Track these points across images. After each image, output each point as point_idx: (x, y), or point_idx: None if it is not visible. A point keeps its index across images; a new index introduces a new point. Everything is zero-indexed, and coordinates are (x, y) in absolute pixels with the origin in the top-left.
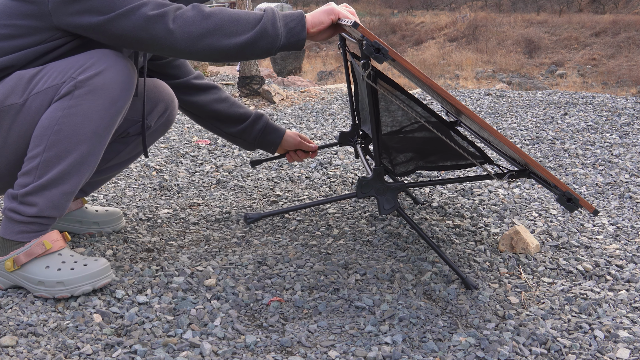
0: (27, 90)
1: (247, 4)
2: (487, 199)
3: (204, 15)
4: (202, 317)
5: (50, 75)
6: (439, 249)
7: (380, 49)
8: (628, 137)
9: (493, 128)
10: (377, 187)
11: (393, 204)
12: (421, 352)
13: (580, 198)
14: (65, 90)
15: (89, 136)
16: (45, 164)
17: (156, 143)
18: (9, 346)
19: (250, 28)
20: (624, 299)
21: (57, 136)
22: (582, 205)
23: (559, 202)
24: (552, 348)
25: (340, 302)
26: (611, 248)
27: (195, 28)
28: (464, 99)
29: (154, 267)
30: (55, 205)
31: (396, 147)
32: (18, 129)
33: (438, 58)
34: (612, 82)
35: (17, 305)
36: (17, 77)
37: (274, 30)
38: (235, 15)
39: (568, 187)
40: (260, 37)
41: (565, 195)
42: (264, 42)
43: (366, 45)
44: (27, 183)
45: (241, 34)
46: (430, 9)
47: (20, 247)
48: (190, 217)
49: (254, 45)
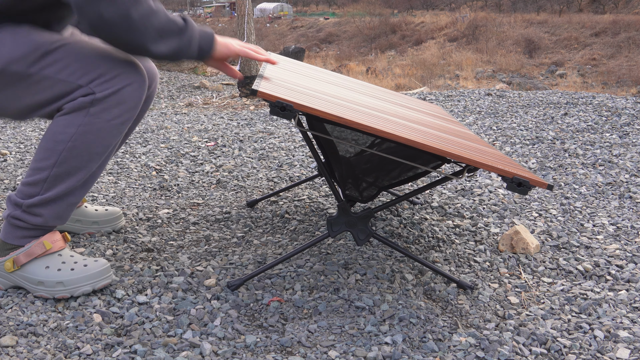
0: (39, 65)
1: (247, 4)
2: (487, 199)
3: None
4: (202, 317)
5: (67, 64)
6: (426, 260)
7: (284, 106)
8: (628, 137)
9: (418, 142)
10: (346, 222)
11: (367, 232)
12: (421, 352)
13: (529, 178)
14: (81, 104)
15: (100, 153)
16: (54, 179)
17: (156, 143)
18: (9, 346)
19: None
20: (624, 299)
21: (69, 153)
22: (534, 184)
23: (509, 189)
24: (552, 348)
25: (340, 302)
26: (611, 248)
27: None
28: (464, 99)
29: (154, 267)
30: (59, 215)
31: (359, 172)
32: (12, 93)
33: (438, 58)
34: (612, 82)
35: (17, 305)
36: (33, 43)
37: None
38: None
39: (515, 172)
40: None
41: (513, 181)
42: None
43: (271, 108)
44: (33, 194)
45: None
46: (430, 9)
47: (20, 248)
48: (190, 217)
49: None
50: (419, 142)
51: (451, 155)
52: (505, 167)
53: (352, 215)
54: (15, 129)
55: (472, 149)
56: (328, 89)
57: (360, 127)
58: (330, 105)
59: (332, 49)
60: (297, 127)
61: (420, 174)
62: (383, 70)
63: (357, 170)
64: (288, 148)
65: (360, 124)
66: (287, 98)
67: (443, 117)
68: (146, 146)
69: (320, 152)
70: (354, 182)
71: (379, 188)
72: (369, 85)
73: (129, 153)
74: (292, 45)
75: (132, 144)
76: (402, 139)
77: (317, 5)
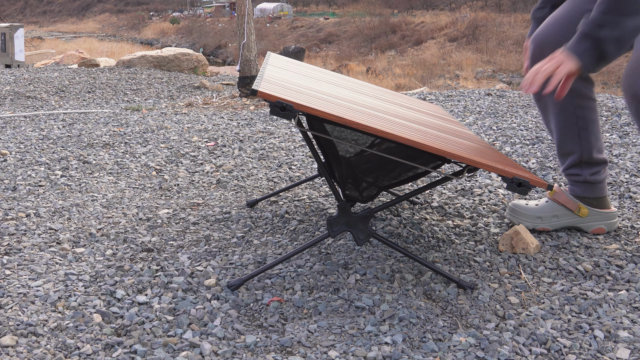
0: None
1: (247, 4)
2: (487, 199)
3: None
4: (202, 317)
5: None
6: (425, 260)
7: (284, 106)
8: (628, 137)
9: (416, 142)
10: (346, 222)
11: (367, 232)
12: (421, 352)
13: (530, 178)
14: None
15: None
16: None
17: (156, 143)
18: (9, 346)
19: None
20: (624, 299)
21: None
22: (534, 184)
23: (509, 189)
24: (552, 348)
25: (340, 302)
26: (611, 248)
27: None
28: (464, 99)
29: (154, 267)
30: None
31: (359, 172)
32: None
33: (438, 58)
34: (612, 82)
35: (17, 305)
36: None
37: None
38: None
39: (515, 172)
40: None
41: (513, 181)
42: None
43: (271, 108)
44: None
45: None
46: (430, 9)
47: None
48: (190, 217)
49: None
50: (418, 142)
51: (451, 155)
52: (505, 167)
53: (352, 215)
54: (15, 129)
55: (472, 149)
56: (328, 89)
57: (360, 127)
58: (330, 105)
59: (332, 49)
60: (297, 127)
61: (420, 174)
62: (383, 70)
63: (357, 170)
64: (288, 148)
65: (359, 124)
66: (287, 98)
67: (442, 117)
68: (146, 146)
69: (320, 152)
70: (354, 182)
71: (379, 188)
72: (369, 85)
73: (129, 153)
74: (292, 45)
75: (132, 144)
76: (401, 139)
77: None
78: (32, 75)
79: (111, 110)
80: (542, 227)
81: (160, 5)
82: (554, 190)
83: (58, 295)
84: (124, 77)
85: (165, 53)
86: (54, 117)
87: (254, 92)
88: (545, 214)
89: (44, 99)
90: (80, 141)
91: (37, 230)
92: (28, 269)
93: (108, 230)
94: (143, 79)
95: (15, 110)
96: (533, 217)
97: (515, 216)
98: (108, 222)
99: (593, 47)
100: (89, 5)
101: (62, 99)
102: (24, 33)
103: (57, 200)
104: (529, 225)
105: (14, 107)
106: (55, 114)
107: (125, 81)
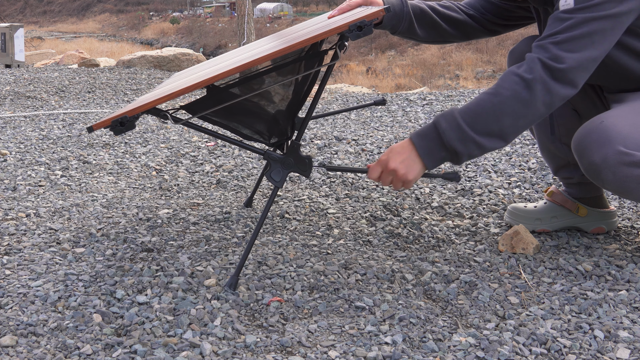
0: None
1: (247, 4)
2: (487, 199)
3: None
4: (202, 317)
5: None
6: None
7: (122, 120)
8: None
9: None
10: (281, 165)
11: (305, 161)
12: (421, 352)
13: (364, 15)
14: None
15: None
16: None
17: (156, 143)
18: (9, 346)
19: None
20: (624, 299)
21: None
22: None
23: (354, 39)
24: (552, 348)
25: (340, 302)
26: (611, 248)
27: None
28: (464, 99)
29: (154, 267)
30: None
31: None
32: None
33: (438, 58)
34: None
35: (17, 305)
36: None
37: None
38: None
39: (347, 22)
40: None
41: (352, 30)
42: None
43: (113, 130)
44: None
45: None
46: None
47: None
48: (190, 217)
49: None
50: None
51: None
52: (337, 24)
53: (281, 155)
54: (16, 129)
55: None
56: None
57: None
58: (168, 90)
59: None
60: (176, 123)
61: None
62: (383, 70)
63: (258, 115)
64: None
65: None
66: (117, 113)
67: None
68: (146, 146)
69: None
70: (265, 127)
71: (288, 117)
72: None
73: (129, 153)
74: None
75: (132, 144)
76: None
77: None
78: (32, 75)
79: (111, 110)
80: (541, 228)
81: (160, 5)
82: (552, 191)
83: (58, 295)
84: (124, 77)
85: (165, 53)
86: (54, 117)
87: (90, 130)
88: (544, 215)
89: (44, 99)
90: (80, 141)
91: (37, 230)
92: (28, 269)
93: (108, 230)
94: (143, 79)
95: (15, 110)
96: (532, 219)
97: (515, 219)
98: (108, 222)
99: (448, 158)
100: (89, 5)
101: (62, 99)
102: (24, 33)
103: (57, 200)
104: (529, 227)
105: (14, 107)
106: (55, 114)
107: (125, 81)
